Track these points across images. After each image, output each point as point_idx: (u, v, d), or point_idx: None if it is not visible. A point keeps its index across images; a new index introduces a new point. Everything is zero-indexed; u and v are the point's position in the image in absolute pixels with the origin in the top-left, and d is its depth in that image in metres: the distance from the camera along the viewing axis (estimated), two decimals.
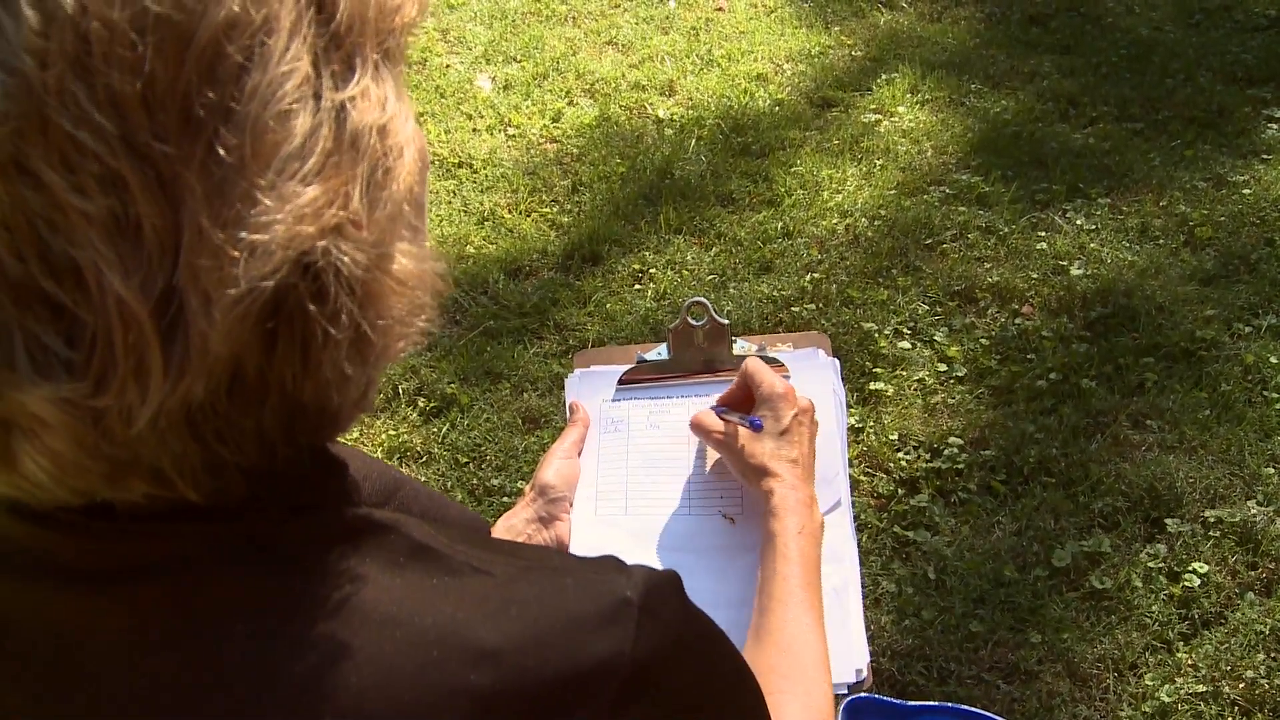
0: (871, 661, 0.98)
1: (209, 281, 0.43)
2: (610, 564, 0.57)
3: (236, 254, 0.43)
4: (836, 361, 1.13)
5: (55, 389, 0.43)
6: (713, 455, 1.08)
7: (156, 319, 0.43)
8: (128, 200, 0.42)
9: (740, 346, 1.14)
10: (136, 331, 0.43)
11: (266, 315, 0.45)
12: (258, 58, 0.44)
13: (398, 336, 0.52)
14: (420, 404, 2.72)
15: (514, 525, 1.07)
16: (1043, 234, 3.15)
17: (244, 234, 0.44)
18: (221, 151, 0.43)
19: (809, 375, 1.11)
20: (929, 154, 3.54)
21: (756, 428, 0.99)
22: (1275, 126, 3.57)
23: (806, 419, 1.02)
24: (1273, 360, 2.66)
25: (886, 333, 2.81)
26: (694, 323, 1.13)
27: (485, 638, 0.51)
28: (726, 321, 1.13)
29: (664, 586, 0.57)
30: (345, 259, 0.47)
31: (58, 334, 0.43)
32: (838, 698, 0.93)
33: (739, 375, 1.06)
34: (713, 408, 1.07)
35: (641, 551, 1.04)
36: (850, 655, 0.95)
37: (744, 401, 1.06)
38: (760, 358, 1.12)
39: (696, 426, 1.06)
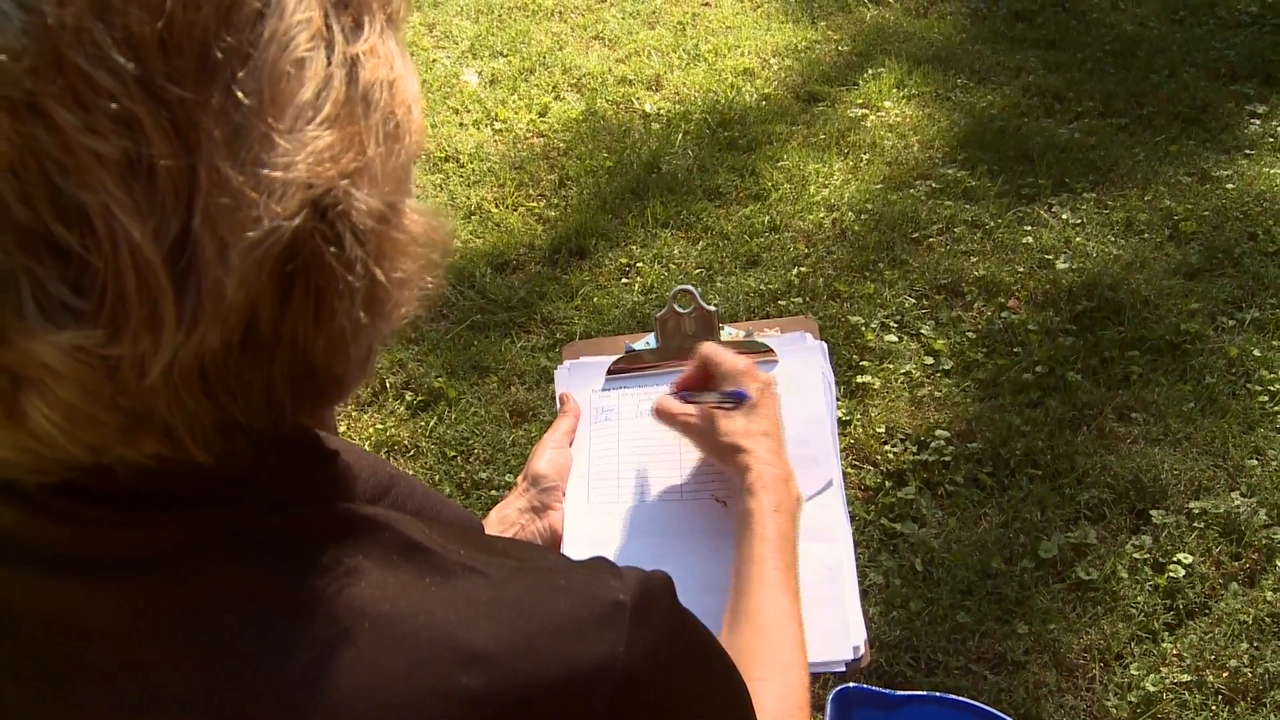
0: (869, 637, 0.97)
1: (226, 225, 0.43)
2: (603, 566, 0.57)
3: (255, 195, 0.43)
4: (824, 345, 1.14)
5: (71, 337, 0.42)
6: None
7: (170, 265, 0.43)
8: (142, 142, 0.41)
9: (728, 333, 1.15)
10: (150, 278, 0.42)
11: (284, 260, 0.45)
12: (274, 5, 0.44)
13: (409, 294, 0.52)
14: (408, 398, 2.72)
15: (507, 515, 1.06)
16: (1028, 228, 3.16)
17: (264, 173, 0.43)
18: (240, 95, 0.43)
19: (797, 359, 1.12)
20: (915, 148, 3.55)
21: (742, 399, 0.98)
22: (1258, 122, 3.59)
23: (770, 393, 1.01)
24: (1256, 353, 2.68)
25: (873, 326, 2.82)
26: (681, 310, 1.13)
27: (477, 640, 0.51)
28: (713, 308, 1.13)
29: (656, 589, 0.57)
30: (361, 206, 0.47)
31: (64, 282, 0.42)
32: (836, 675, 0.92)
33: (696, 359, 1.05)
34: (674, 394, 1.05)
35: (634, 537, 1.04)
36: (848, 633, 0.95)
37: (703, 384, 1.05)
38: (748, 343, 1.12)
39: (661, 413, 1.04)
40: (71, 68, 0.40)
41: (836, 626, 0.94)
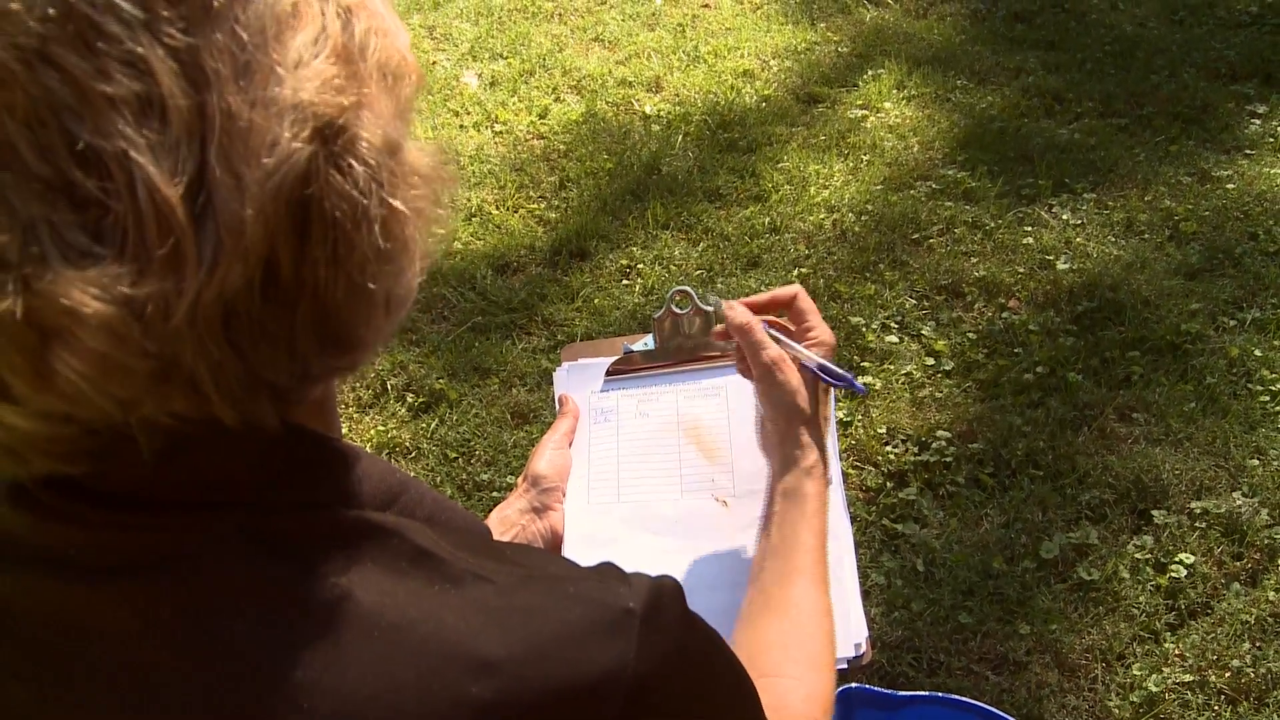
0: (870, 636, 0.96)
1: (240, 156, 0.44)
2: (612, 573, 0.57)
3: (266, 124, 0.45)
4: None
5: (96, 275, 0.42)
6: (705, 441, 1.08)
7: (188, 202, 0.43)
8: (151, 84, 0.43)
9: None
10: (169, 217, 0.43)
11: (299, 188, 0.46)
12: None
13: (422, 227, 0.54)
14: (409, 400, 2.72)
15: (508, 516, 1.06)
16: (1029, 229, 3.16)
17: (274, 100, 0.45)
18: (244, 36, 0.45)
19: None
20: (915, 149, 3.55)
21: (861, 394, 0.95)
22: (1258, 122, 3.59)
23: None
24: (1257, 353, 2.68)
25: (874, 327, 2.82)
26: (678, 311, 1.13)
27: (486, 648, 0.51)
28: (711, 308, 1.13)
29: (666, 596, 0.57)
30: (366, 136, 0.49)
31: (84, 229, 0.43)
32: (837, 674, 0.91)
33: (783, 296, 0.97)
34: (774, 334, 0.95)
35: (635, 538, 1.04)
36: (848, 630, 0.95)
37: (769, 320, 0.97)
38: None
39: (739, 327, 0.93)
40: (80, 16, 0.42)
41: (837, 624, 0.94)
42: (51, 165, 0.42)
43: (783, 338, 0.94)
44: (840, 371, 0.93)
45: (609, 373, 1.15)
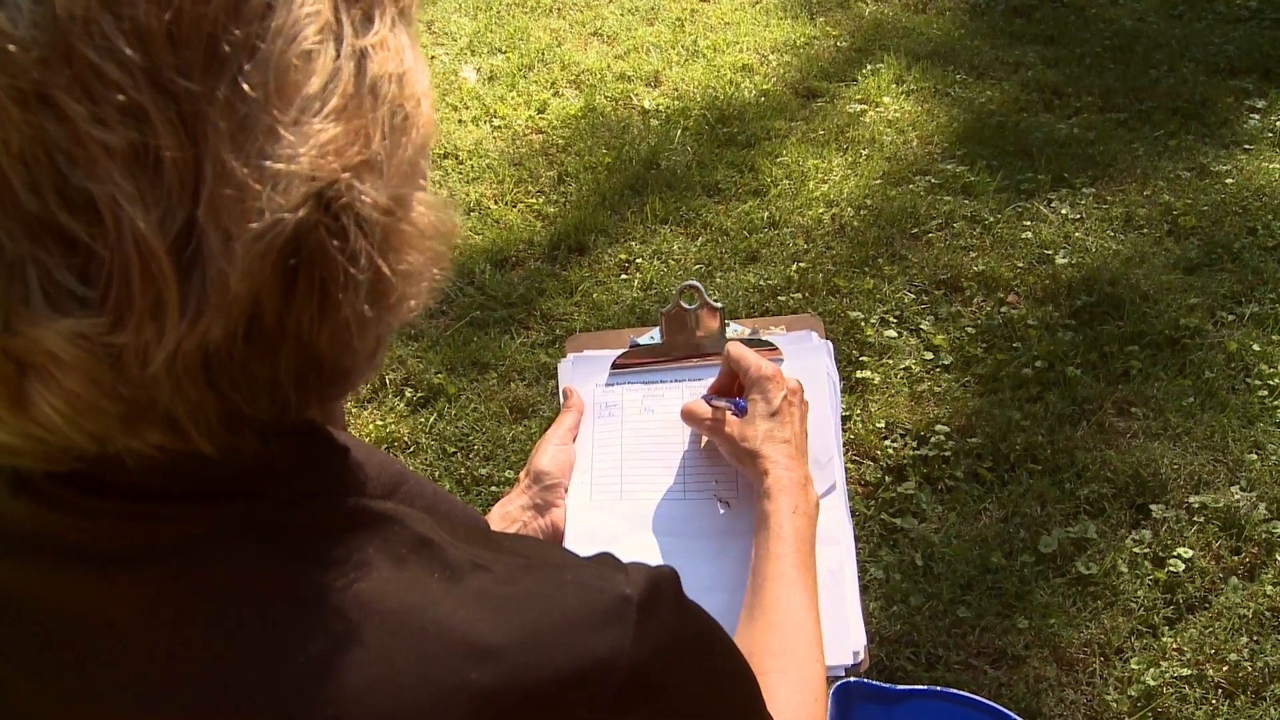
0: (869, 633, 0.97)
1: (230, 216, 0.43)
2: (609, 561, 0.57)
3: (259, 187, 0.43)
4: (829, 344, 1.13)
5: (74, 324, 0.42)
6: (707, 439, 1.08)
7: (175, 255, 0.43)
8: (148, 134, 0.42)
9: (733, 330, 1.14)
10: (154, 267, 0.43)
11: (288, 252, 0.45)
12: None
13: (415, 286, 0.53)
14: (407, 394, 2.72)
15: (509, 512, 1.06)
16: (1028, 223, 3.16)
17: (268, 165, 0.44)
18: (246, 88, 0.43)
19: (802, 358, 1.11)
20: (914, 144, 3.55)
21: (741, 410, 0.99)
22: (1257, 117, 3.59)
23: (796, 399, 1.01)
24: (1255, 348, 2.68)
25: (873, 321, 2.82)
26: (687, 306, 1.12)
27: (486, 636, 0.51)
28: (720, 305, 1.13)
29: (662, 584, 0.57)
30: (365, 199, 0.47)
31: (71, 270, 0.42)
32: (834, 679, 0.93)
33: (724, 362, 1.06)
34: (703, 396, 1.06)
35: (637, 536, 1.03)
36: (847, 637, 0.95)
37: (732, 387, 1.06)
38: (753, 341, 1.12)
39: (687, 415, 1.06)
40: (80, 59, 0.41)
41: (836, 631, 0.93)
42: (42, 203, 0.42)
43: (710, 400, 1.05)
44: (732, 400, 1.02)
45: (614, 366, 1.15)
